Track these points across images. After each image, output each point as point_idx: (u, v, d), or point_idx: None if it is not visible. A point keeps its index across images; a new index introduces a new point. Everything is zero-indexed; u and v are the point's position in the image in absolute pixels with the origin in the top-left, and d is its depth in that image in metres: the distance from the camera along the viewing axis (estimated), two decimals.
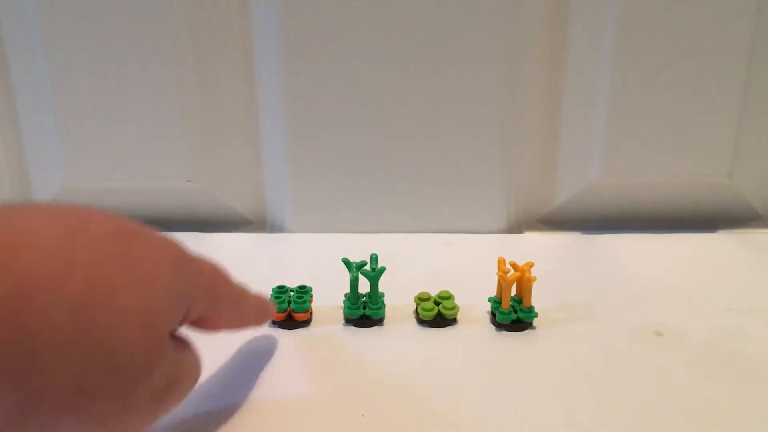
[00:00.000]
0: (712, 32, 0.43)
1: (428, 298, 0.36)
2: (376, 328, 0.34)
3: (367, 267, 0.34)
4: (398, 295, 0.36)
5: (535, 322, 0.34)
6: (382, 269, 0.34)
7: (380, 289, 0.35)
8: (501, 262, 0.34)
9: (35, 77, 0.45)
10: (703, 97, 0.45)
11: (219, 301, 0.25)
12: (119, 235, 0.20)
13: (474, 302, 0.36)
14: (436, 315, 0.34)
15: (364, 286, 0.35)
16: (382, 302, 0.35)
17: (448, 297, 0.35)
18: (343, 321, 0.35)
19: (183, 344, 0.23)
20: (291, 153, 0.46)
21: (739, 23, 0.43)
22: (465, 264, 0.43)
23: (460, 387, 0.29)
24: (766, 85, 0.45)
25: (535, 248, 0.45)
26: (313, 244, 0.46)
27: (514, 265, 0.34)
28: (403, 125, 0.45)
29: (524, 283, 0.34)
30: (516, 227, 0.48)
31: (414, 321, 0.35)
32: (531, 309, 0.34)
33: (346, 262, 0.34)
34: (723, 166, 0.47)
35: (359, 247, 0.38)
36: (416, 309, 0.35)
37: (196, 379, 0.24)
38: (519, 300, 0.34)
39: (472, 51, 0.43)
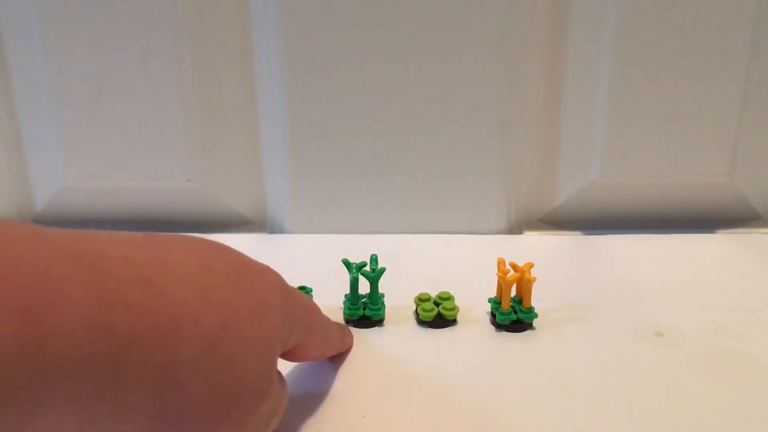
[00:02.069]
0: (712, 32, 0.43)
1: (428, 299, 0.36)
2: (376, 328, 0.34)
3: (367, 268, 0.34)
4: (398, 296, 0.36)
5: (535, 322, 0.34)
6: (382, 270, 0.34)
7: (380, 290, 0.35)
8: (501, 262, 0.34)
9: (35, 77, 0.45)
10: (703, 97, 0.45)
11: (312, 332, 0.26)
12: (237, 267, 0.21)
13: (474, 303, 0.36)
14: (436, 316, 0.34)
15: (363, 287, 0.35)
16: (382, 303, 0.35)
17: (448, 298, 0.35)
18: (342, 322, 0.35)
19: (279, 374, 0.24)
20: (291, 153, 0.46)
21: (739, 23, 0.43)
22: (465, 264, 0.43)
23: (460, 387, 0.29)
24: (766, 85, 0.45)
25: (535, 248, 0.45)
26: (313, 244, 0.46)
27: (513, 266, 0.34)
28: (402, 126, 0.45)
29: (524, 283, 0.34)
30: (516, 227, 0.48)
31: (414, 322, 0.35)
32: (531, 309, 0.34)
33: (346, 263, 0.34)
34: (723, 166, 0.47)
35: (359, 247, 0.38)
36: (416, 310, 0.35)
37: (284, 408, 0.24)
38: (519, 300, 0.34)
39: (472, 51, 0.43)
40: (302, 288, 0.36)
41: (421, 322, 0.35)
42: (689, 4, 0.42)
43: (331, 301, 0.36)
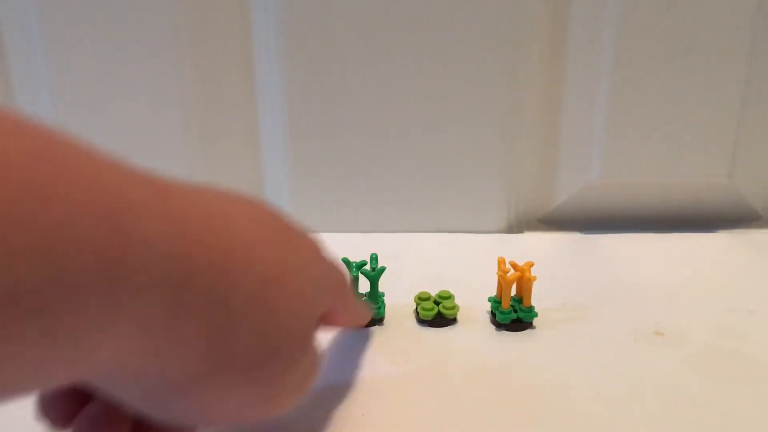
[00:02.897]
0: (712, 32, 0.43)
1: (428, 298, 0.36)
2: (375, 327, 0.34)
3: (367, 267, 0.34)
4: (398, 295, 0.36)
5: (535, 321, 0.34)
6: (383, 269, 0.34)
7: (380, 289, 0.35)
8: (501, 261, 0.34)
9: (35, 77, 0.45)
10: (703, 97, 0.45)
11: (344, 298, 0.27)
12: (285, 227, 0.23)
13: (474, 302, 0.36)
14: (436, 314, 0.34)
15: (363, 286, 0.35)
16: (382, 302, 0.35)
17: (448, 297, 0.35)
18: None
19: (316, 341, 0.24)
20: (291, 153, 0.46)
21: (739, 23, 0.43)
22: (465, 264, 0.43)
23: (460, 387, 0.29)
24: (766, 85, 0.45)
25: (535, 248, 0.45)
26: None
27: (514, 265, 0.34)
28: (403, 125, 0.45)
29: (524, 282, 0.34)
30: (516, 227, 0.48)
31: (414, 321, 0.35)
32: (531, 309, 0.34)
33: (346, 262, 0.34)
34: (723, 166, 0.47)
35: (359, 246, 0.38)
36: (416, 309, 0.35)
37: (317, 378, 0.25)
38: (519, 300, 0.34)
39: (473, 51, 0.43)
40: None
41: (421, 321, 0.35)
42: (689, 4, 0.42)
43: None
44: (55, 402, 0.20)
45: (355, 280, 0.34)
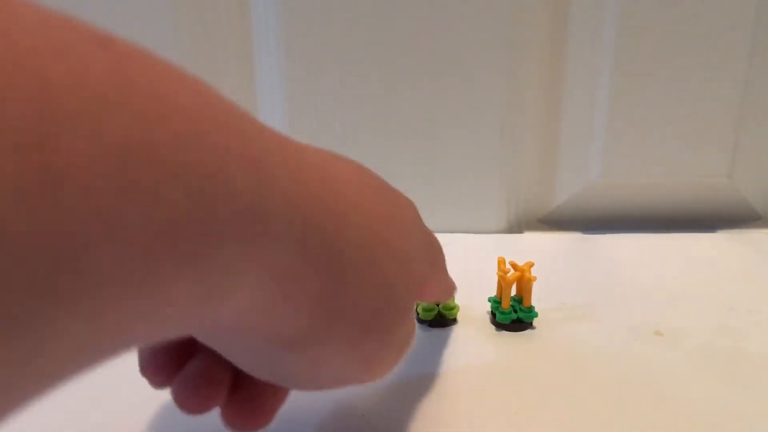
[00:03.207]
0: (712, 32, 0.43)
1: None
2: None
3: None
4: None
5: (535, 322, 0.34)
6: None
7: None
8: (501, 261, 0.34)
9: None
10: (703, 97, 0.45)
11: (439, 268, 0.27)
12: (386, 188, 0.23)
13: (474, 302, 0.36)
14: (436, 315, 0.34)
15: None
16: None
17: None
18: None
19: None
20: None
21: (739, 23, 0.43)
22: (465, 264, 0.42)
23: (460, 387, 0.29)
24: (766, 85, 0.45)
25: (535, 248, 0.45)
26: None
27: (514, 265, 0.34)
28: (402, 126, 0.45)
29: (524, 282, 0.34)
30: (516, 227, 0.48)
31: (414, 321, 0.35)
32: (531, 309, 0.34)
33: None
34: (723, 166, 0.47)
35: None
36: (416, 309, 0.35)
37: (412, 347, 0.25)
38: (519, 300, 0.34)
39: (472, 51, 0.43)
40: None
41: (421, 322, 0.35)
42: (689, 4, 0.42)
43: None
44: (156, 359, 0.20)
45: None
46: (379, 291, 0.20)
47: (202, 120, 0.14)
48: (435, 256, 0.26)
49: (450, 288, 0.30)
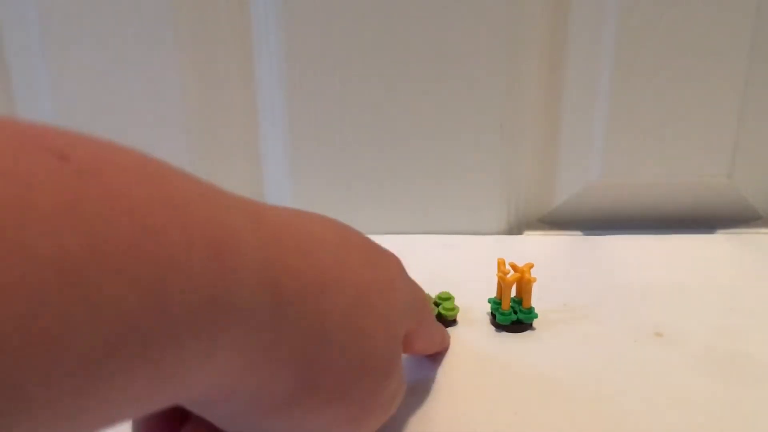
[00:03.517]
0: (712, 32, 0.43)
1: (428, 299, 0.35)
2: None
3: None
4: None
5: (535, 323, 0.34)
6: None
7: None
8: (501, 262, 0.34)
9: (35, 78, 0.45)
10: (703, 97, 0.45)
11: (423, 319, 0.26)
12: (368, 247, 0.23)
13: (474, 303, 0.36)
14: (436, 316, 0.34)
15: None
16: None
17: (448, 298, 0.35)
18: None
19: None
20: (291, 153, 0.46)
21: (739, 23, 0.43)
22: (465, 265, 0.43)
23: (460, 387, 0.29)
24: (766, 85, 0.45)
25: (535, 249, 0.45)
26: None
27: (513, 266, 0.34)
28: (402, 125, 0.45)
29: (524, 283, 0.34)
30: (516, 228, 0.48)
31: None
32: (531, 310, 0.34)
33: None
34: (723, 166, 0.47)
35: None
36: None
37: (401, 402, 0.25)
38: (519, 301, 0.34)
39: (472, 51, 0.43)
40: None
41: None
42: (689, 4, 0.42)
43: None
44: (148, 425, 0.21)
45: None
46: (361, 352, 0.20)
47: (159, 216, 0.14)
48: (420, 307, 0.26)
49: (440, 337, 0.30)
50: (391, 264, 0.23)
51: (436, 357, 0.32)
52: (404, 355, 0.31)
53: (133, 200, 0.13)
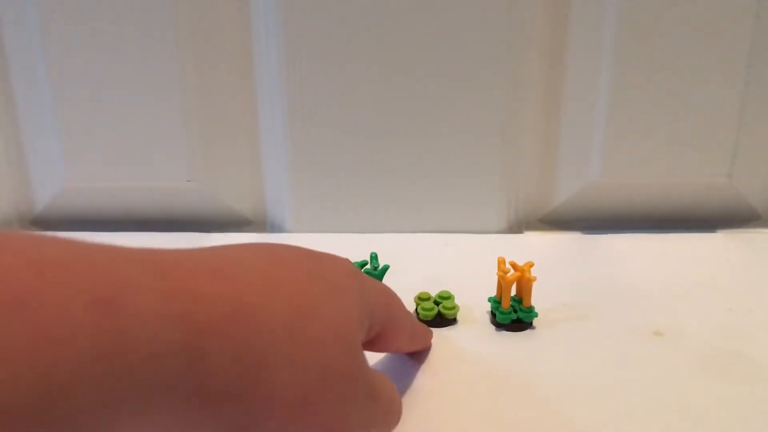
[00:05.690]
0: (712, 32, 0.43)
1: (428, 298, 0.36)
2: None
3: (368, 266, 0.34)
4: (398, 295, 0.36)
5: (535, 322, 0.34)
6: (386, 267, 0.34)
7: None
8: (501, 261, 0.34)
9: (35, 78, 0.45)
10: (703, 97, 0.45)
11: (394, 317, 0.26)
12: (306, 257, 0.22)
13: (474, 302, 0.36)
14: (436, 315, 0.34)
15: None
16: None
17: (448, 297, 0.35)
18: None
19: (379, 372, 0.24)
20: (291, 153, 0.46)
21: (739, 23, 0.43)
22: (465, 264, 0.43)
23: (460, 387, 0.29)
24: (766, 85, 0.45)
25: (535, 248, 0.45)
26: (313, 244, 0.45)
27: (514, 265, 0.34)
28: (403, 125, 0.45)
29: (524, 283, 0.34)
30: (516, 227, 0.48)
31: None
32: (531, 309, 0.34)
33: None
34: (723, 166, 0.47)
35: (359, 246, 0.38)
36: (416, 309, 0.35)
37: (399, 412, 0.24)
38: (519, 300, 0.34)
39: (472, 51, 0.43)
40: None
41: (421, 322, 0.35)
42: (689, 4, 0.42)
43: None
44: None
45: None
46: (313, 369, 0.19)
47: (49, 308, 0.13)
48: (384, 305, 0.25)
49: (419, 335, 0.30)
50: (338, 271, 0.23)
51: (419, 355, 0.32)
52: (403, 361, 0.31)
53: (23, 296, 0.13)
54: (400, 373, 0.30)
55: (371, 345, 0.25)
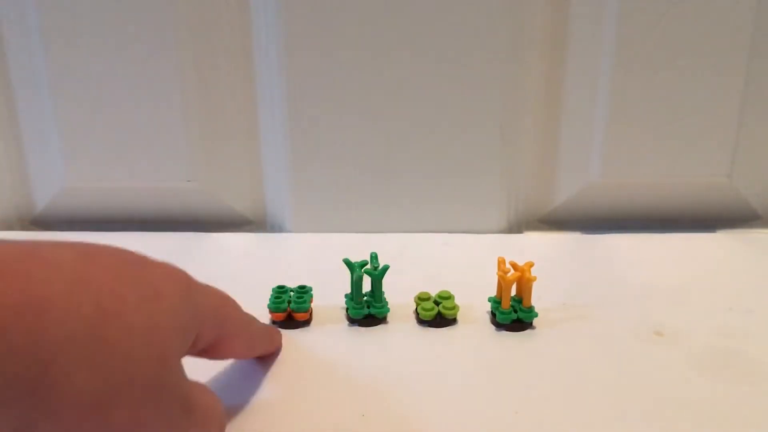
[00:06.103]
0: (712, 32, 0.43)
1: (428, 298, 0.36)
2: (375, 328, 0.34)
3: (368, 266, 0.34)
4: (398, 295, 0.36)
5: (535, 322, 0.34)
6: (386, 267, 0.34)
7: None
8: (501, 261, 0.34)
9: (35, 77, 0.45)
10: (703, 97, 0.45)
11: (227, 325, 0.26)
12: (129, 262, 0.21)
13: (474, 302, 0.36)
14: (436, 315, 0.34)
15: (367, 285, 0.35)
16: (385, 300, 0.35)
17: (448, 297, 0.35)
18: (345, 321, 0.35)
19: (199, 384, 0.23)
20: (291, 153, 0.46)
21: (739, 23, 0.43)
22: (465, 264, 0.43)
23: (460, 387, 0.29)
24: (766, 85, 0.45)
25: (535, 248, 0.45)
26: (313, 243, 0.46)
27: (514, 265, 0.34)
28: (402, 125, 0.45)
29: (524, 282, 0.34)
30: (516, 227, 0.48)
31: (414, 321, 0.35)
32: (531, 309, 0.34)
33: (348, 263, 0.34)
34: (723, 166, 0.47)
35: (359, 246, 0.38)
36: (416, 309, 0.35)
37: (220, 426, 0.24)
38: (519, 300, 0.34)
39: (472, 50, 0.43)
40: (302, 287, 0.36)
41: (421, 322, 0.35)
42: (689, 4, 0.42)
43: (331, 301, 0.36)
44: None
45: (359, 280, 0.34)
46: (114, 373, 0.19)
47: None
48: (213, 311, 0.25)
49: (263, 340, 0.30)
50: (160, 273, 0.22)
51: (266, 360, 0.31)
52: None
53: None
54: (399, 373, 0.30)
55: (207, 353, 0.25)
